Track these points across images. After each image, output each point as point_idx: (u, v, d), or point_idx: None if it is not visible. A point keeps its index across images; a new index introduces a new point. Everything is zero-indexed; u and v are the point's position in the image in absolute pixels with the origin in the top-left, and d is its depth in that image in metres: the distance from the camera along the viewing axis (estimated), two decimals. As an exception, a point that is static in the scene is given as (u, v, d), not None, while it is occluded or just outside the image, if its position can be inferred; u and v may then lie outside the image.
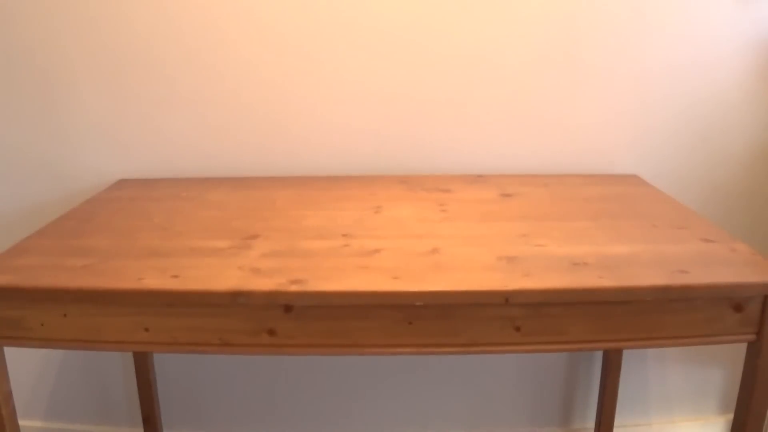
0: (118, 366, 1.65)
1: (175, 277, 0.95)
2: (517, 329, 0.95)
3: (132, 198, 1.35)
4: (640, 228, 1.15)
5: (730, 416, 1.08)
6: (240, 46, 1.43)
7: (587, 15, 1.42)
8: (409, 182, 1.43)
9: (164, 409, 1.67)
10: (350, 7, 1.41)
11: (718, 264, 1.00)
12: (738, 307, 0.96)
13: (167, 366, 1.64)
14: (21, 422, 1.20)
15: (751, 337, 0.97)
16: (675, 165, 1.52)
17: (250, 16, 1.41)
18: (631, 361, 1.64)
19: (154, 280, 0.95)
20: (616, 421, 1.65)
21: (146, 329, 0.96)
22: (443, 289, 0.93)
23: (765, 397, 0.99)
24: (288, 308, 0.94)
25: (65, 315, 0.96)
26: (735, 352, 1.60)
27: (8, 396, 1.01)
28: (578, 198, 1.32)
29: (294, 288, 0.92)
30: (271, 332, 0.95)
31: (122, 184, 1.47)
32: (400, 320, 0.94)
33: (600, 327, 0.96)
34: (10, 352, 0.99)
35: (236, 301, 0.92)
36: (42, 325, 0.96)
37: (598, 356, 1.63)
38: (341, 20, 1.42)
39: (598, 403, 1.64)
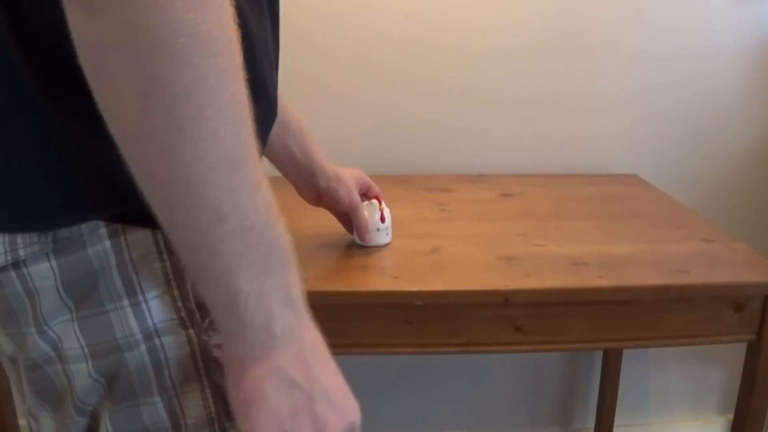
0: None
1: (175, 276, 0.95)
2: (517, 329, 0.95)
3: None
4: (640, 228, 1.15)
5: (730, 416, 1.08)
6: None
7: (587, 15, 1.42)
8: (409, 182, 1.43)
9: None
10: (349, 5, 1.41)
11: (718, 264, 1.00)
12: (738, 307, 0.96)
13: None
14: (21, 422, 1.20)
15: (751, 337, 0.97)
16: (674, 165, 1.52)
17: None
18: (631, 361, 1.63)
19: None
20: (616, 421, 1.65)
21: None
22: (443, 289, 0.93)
23: (765, 397, 0.99)
24: (288, 308, 0.93)
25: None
26: (735, 352, 1.60)
27: (8, 396, 1.01)
28: (578, 198, 1.32)
29: (294, 288, 0.92)
30: (271, 332, 0.95)
31: (122, 184, 1.47)
32: (400, 320, 0.94)
33: (600, 327, 0.96)
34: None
35: (236, 300, 0.92)
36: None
37: (598, 356, 1.63)
38: (339, 19, 1.42)
39: (598, 403, 1.64)
